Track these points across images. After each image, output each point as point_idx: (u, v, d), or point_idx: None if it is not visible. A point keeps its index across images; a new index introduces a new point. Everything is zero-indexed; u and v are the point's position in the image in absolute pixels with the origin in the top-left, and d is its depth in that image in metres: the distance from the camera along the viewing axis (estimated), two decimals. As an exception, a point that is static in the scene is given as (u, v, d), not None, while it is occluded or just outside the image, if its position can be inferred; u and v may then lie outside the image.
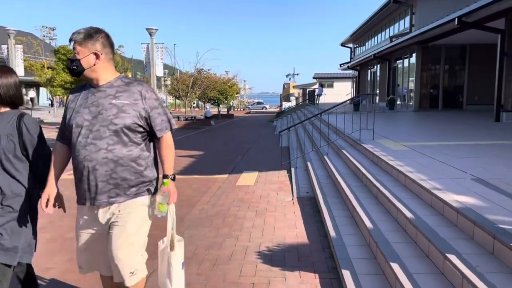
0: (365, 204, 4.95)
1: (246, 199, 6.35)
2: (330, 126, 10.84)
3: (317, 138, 10.42)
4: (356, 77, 34.81)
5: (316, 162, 8.86)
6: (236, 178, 8.20)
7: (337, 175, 6.70)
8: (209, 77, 31.68)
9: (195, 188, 7.27)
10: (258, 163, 10.16)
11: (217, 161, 10.75)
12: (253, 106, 68.48)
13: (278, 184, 7.52)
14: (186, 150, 12.96)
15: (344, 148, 8.36)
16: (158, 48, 19.35)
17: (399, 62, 21.76)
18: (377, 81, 26.69)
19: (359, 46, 34.83)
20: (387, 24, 24.83)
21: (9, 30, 19.12)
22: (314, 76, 48.60)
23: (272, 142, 15.50)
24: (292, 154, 10.84)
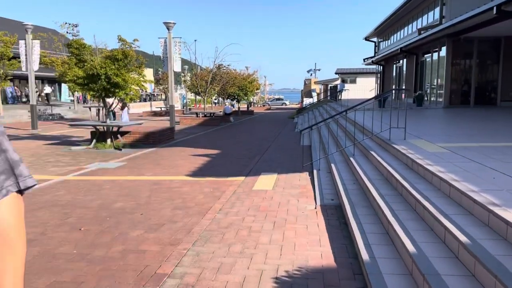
0: (402, 218, 4.20)
1: (263, 207, 5.68)
2: (355, 124, 10.04)
3: (341, 138, 9.64)
4: (380, 72, 33.62)
5: (341, 164, 8.11)
6: (253, 181, 7.53)
7: (365, 180, 5.95)
8: (228, 72, 31.06)
9: (207, 192, 6.64)
10: (278, 164, 9.47)
11: (234, 160, 10.11)
12: (273, 102, 67.67)
13: (299, 189, 6.81)
14: (202, 149, 12.37)
15: (372, 149, 7.58)
16: (176, 43, 18.81)
17: (427, 56, 20.65)
18: (403, 76, 25.55)
19: (384, 40, 33.61)
20: (415, 17, 23.66)
21: (27, 25, 18.93)
22: (337, 72, 47.43)
23: (292, 141, 14.77)
24: (314, 155, 10.10)
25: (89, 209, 5.64)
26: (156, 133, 13.81)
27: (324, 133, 13.56)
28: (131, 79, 11.84)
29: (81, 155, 10.98)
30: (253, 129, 20.27)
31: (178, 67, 19.08)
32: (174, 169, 8.85)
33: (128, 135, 13.69)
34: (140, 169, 8.93)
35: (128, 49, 12.07)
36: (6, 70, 24.24)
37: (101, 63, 11.72)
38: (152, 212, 5.50)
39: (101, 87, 11.83)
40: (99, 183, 7.37)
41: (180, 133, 17.49)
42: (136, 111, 38.55)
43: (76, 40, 11.92)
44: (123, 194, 6.50)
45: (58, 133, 16.68)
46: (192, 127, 21.38)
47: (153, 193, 6.56)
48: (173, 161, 9.97)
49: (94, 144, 12.41)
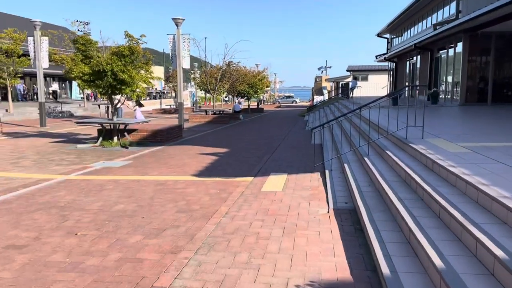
0: (425, 226, 3.82)
1: (272, 211, 5.32)
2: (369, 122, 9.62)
3: (354, 137, 9.23)
4: (393, 69, 32.98)
5: (354, 164, 7.70)
6: (262, 181, 7.18)
7: (382, 182, 5.56)
8: (238, 70, 30.72)
9: (213, 194, 6.30)
10: (288, 163, 9.10)
11: (242, 160, 9.76)
12: (283, 100, 67.19)
13: (310, 191, 6.44)
14: (210, 147, 12.04)
15: (388, 149, 7.17)
16: (185, 39, 18.51)
17: (442, 52, 20.05)
18: (416, 73, 24.95)
19: (397, 36, 32.96)
20: (429, 12, 23.04)
21: (35, 21, 18.80)
22: (348, 69, 46.79)
23: (303, 139, 14.38)
24: (326, 154, 9.70)
25: (88, 212, 5.34)
26: (164, 131, 13.53)
27: (336, 131, 13.15)
28: (137, 76, 11.55)
29: (86, 154, 10.73)
30: (262, 127, 19.92)
31: (187, 64, 18.78)
32: (180, 169, 8.54)
33: (135, 133, 13.44)
34: (145, 168, 8.63)
35: (135, 45, 11.78)
36: (16, 67, 24.23)
37: (107, 59, 11.46)
38: (154, 215, 5.18)
39: (107, 84, 11.56)
40: (102, 183, 7.08)
41: (188, 131, 17.20)
42: (146, 109, 38.40)
43: (83, 36, 11.67)
44: (125, 196, 6.20)
45: (65, 131, 16.51)
46: (201, 125, 21.09)
47: (157, 194, 6.25)
48: (179, 160, 9.67)
49: (100, 142, 12.17)
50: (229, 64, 29.43)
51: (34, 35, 18.91)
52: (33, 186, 6.81)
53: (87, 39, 11.62)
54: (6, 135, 14.82)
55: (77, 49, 11.78)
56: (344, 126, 10.73)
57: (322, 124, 8.00)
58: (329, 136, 13.11)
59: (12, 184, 6.99)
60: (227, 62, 29.11)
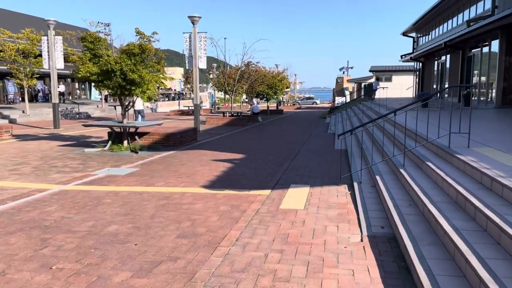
0: (500, 274, 2.83)
1: (292, 237, 4.39)
2: (405, 128, 8.57)
3: (385, 144, 8.19)
4: (419, 69, 31.57)
5: (387, 176, 6.69)
6: (280, 195, 6.25)
7: (426, 202, 4.56)
8: (257, 70, 29.84)
9: (224, 212, 5.40)
10: (310, 173, 8.14)
11: (259, 168, 8.85)
12: (303, 101, 66.10)
13: (337, 209, 5.48)
14: (224, 152, 11.17)
15: (428, 159, 6.15)
16: (201, 38, 17.73)
17: (475, 51, 18.71)
18: (446, 73, 23.58)
19: (423, 35, 31.53)
20: (460, 8, 21.67)
21: (48, 20, 18.35)
22: (371, 69, 45.38)
23: (325, 144, 13.37)
24: (352, 163, 8.68)
25: (74, 234, 4.51)
26: (177, 134, 12.74)
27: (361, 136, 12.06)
28: (148, 76, 10.77)
29: (93, 159, 10.01)
30: (282, 130, 18.96)
31: (204, 64, 17.99)
32: (189, 178, 7.68)
33: (147, 136, 12.69)
34: (152, 177, 7.81)
35: (146, 43, 11.02)
36: (32, 68, 23.96)
37: (116, 58, 10.73)
38: (151, 241, 4.31)
39: (116, 84, 10.83)
40: (100, 196, 6.28)
41: (204, 134, 16.40)
42: (164, 110, 38.00)
43: (91, 33, 10.98)
44: (123, 213, 5.36)
45: (78, 133, 15.94)
46: (218, 127, 20.29)
47: (158, 212, 5.39)
48: (190, 167, 8.82)
49: (109, 146, 11.45)
50: (248, 64, 28.59)
51: (48, 34, 18.45)
52: (22, 199, 6.06)
53: (95, 36, 10.92)
54: (16, 138, 14.31)
55: (85, 47, 11.10)
56: (372, 131, 9.69)
57: (350, 130, 7.01)
58: (355, 140, 12.06)
59: (1, 196, 6.26)
60: (246, 62, 28.28)
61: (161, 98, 46.10)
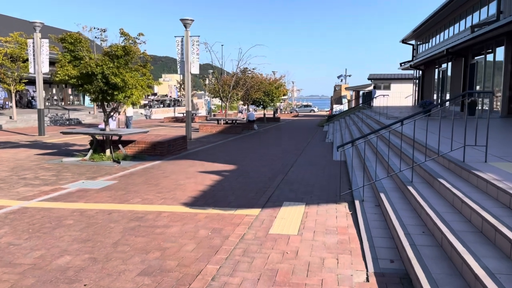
0: None
1: (282, 274, 3.56)
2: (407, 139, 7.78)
3: (388, 156, 7.39)
4: (419, 77, 30.94)
5: (393, 194, 5.88)
6: (271, 216, 5.43)
7: (446, 231, 3.75)
8: (254, 77, 29.13)
9: (202, 238, 4.56)
10: (306, 187, 7.32)
11: (250, 181, 8.03)
12: (301, 109, 65.42)
13: (337, 235, 4.66)
14: (214, 163, 10.35)
15: (440, 176, 5.34)
16: (194, 42, 16.98)
17: (478, 58, 18.04)
18: (447, 81, 22.90)
19: (423, 42, 30.94)
20: (463, 15, 21.05)
21: (35, 23, 17.55)
22: (369, 77, 44.78)
23: (323, 154, 12.56)
24: (353, 177, 7.86)
25: (14, 269, 3.68)
26: (164, 143, 11.91)
27: (361, 146, 11.27)
28: (132, 80, 9.96)
29: (69, 169, 9.17)
30: (278, 139, 18.15)
31: (196, 69, 17.21)
32: (171, 193, 6.85)
33: (133, 145, 11.86)
34: (128, 191, 6.98)
35: (131, 45, 10.23)
36: (20, 72, 23.14)
37: (97, 61, 9.93)
38: (105, 280, 3.48)
39: (98, 89, 10.03)
40: (63, 216, 5.44)
41: (195, 143, 15.58)
42: (158, 117, 37.20)
43: (71, 34, 10.18)
44: (82, 238, 4.52)
45: (61, 141, 15.09)
46: (211, 135, 19.48)
47: (125, 237, 4.56)
48: (174, 180, 7.99)
49: (90, 155, 10.62)
50: (244, 70, 27.88)
51: (34, 37, 17.66)
52: (-29, 219, 5.21)
53: (76, 37, 10.12)
54: (-6, 145, 13.45)
55: (65, 49, 10.31)
56: (376, 143, 8.89)
57: (351, 141, 6.22)
58: (355, 150, 11.26)
59: None
60: (242, 69, 27.57)
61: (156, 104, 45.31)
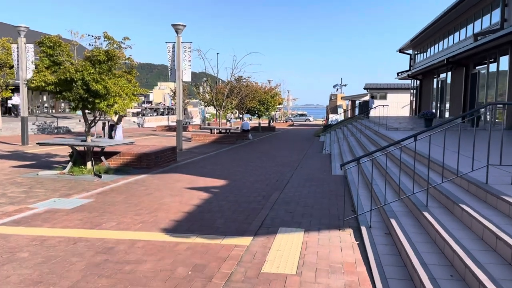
0: None
1: (278, 337, 2.76)
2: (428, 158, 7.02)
3: (396, 174, 6.63)
4: (417, 87, 30.42)
5: (405, 219, 5.10)
6: (265, 247, 4.63)
7: (484, 279, 2.97)
8: (248, 85, 28.45)
9: (179, 280, 3.74)
10: (304, 209, 6.54)
11: (242, 200, 7.23)
12: (296, 118, 64.79)
13: (344, 275, 3.86)
14: (204, 177, 9.54)
15: (462, 201, 4.59)
16: (186, 48, 16.26)
17: (480, 68, 17.45)
18: (446, 91, 22.33)
19: (420, 52, 30.48)
20: (463, 23, 20.53)
21: (19, 27, 16.75)
22: (365, 87, 44.30)
23: (321, 168, 11.80)
24: (356, 197, 7.07)
25: None
26: (151, 154, 11.09)
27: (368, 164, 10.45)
28: (115, 87, 9.17)
29: (43, 185, 8.32)
30: (273, 149, 17.37)
31: (188, 76, 16.47)
32: (151, 215, 6.04)
33: (117, 156, 11.04)
34: (103, 212, 6.15)
35: (115, 49, 9.47)
36: (6, 79, 22.29)
37: (77, 66, 9.15)
38: None
39: (77, 96, 9.23)
40: (19, 245, 4.61)
41: (186, 154, 14.77)
42: (151, 125, 36.36)
43: (50, 37, 9.41)
44: (32, 279, 3.69)
45: (44, 151, 14.21)
46: (204, 145, 18.68)
47: (86, 278, 3.74)
48: (157, 198, 7.18)
49: (69, 168, 9.78)
50: (239, 79, 27.19)
51: (19, 42, 16.87)
52: None
53: (55, 40, 9.34)
54: (-31, 156, 12.57)
55: (43, 53, 9.52)
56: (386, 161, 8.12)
57: (356, 159, 5.45)
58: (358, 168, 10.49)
59: None
60: (237, 77, 26.87)
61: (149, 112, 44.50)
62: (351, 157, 12.48)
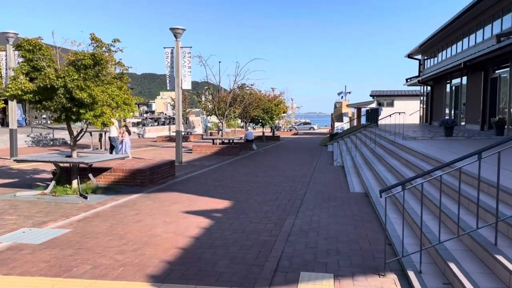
0: None
1: None
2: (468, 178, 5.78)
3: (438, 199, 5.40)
4: (427, 93, 29.23)
5: (469, 264, 3.85)
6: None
7: None
8: (252, 93, 27.33)
9: None
10: (328, 242, 5.31)
11: (250, 230, 6.01)
12: (300, 127, 63.62)
13: None
14: (204, 197, 8.33)
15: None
16: (185, 54, 15.17)
17: (501, 72, 16.26)
18: (461, 97, 21.11)
19: (430, 57, 29.32)
20: (479, 25, 19.37)
21: (8, 33, 15.72)
22: (372, 94, 43.15)
23: (335, 183, 10.56)
24: (389, 225, 5.81)
25: None
26: (146, 170, 9.90)
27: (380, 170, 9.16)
28: (102, 95, 8.01)
29: (17, 209, 7.13)
30: (280, 161, 16.13)
31: (188, 84, 15.33)
32: (137, 253, 4.82)
33: (108, 173, 9.86)
34: (80, 249, 4.94)
35: (102, 52, 8.32)
36: (-3, 88, 21.24)
37: (59, 72, 8.01)
38: None
39: (60, 106, 8.07)
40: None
41: (186, 167, 13.57)
42: (152, 136, 35.26)
43: (29, 40, 8.28)
44: None
45: (31, 166, 13.04)
46: (206, 157, 17.48)
47: None
48: (148, 227, 5.97)
49: (52, 188, 8.59)
50: (242, 86, 26.09)
51: (7, 49, 15.81)
52: None
53: (35, 43, 8.21)
54: None
55: (22, 58, 8.40)
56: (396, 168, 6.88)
57: (402, 183, 4.22)
58: (374, 179, 9.23)
59: None
60: (240, 85, 25.77)
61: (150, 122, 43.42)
62: (368, 171, 11.24)
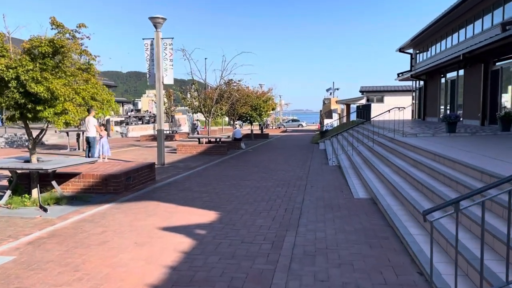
0: None
1: None
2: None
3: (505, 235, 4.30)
4: (419, 88, 28.42)
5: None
6: None
7: None
8: (240, 89, 26.10)
9: None
10: (341, 271, 4.18)
11: (240, 253, 4.86)
12: (288, 124, 62.63)
13: None
14: (186, 206, 7.13)
15: None
16: (166, 45, 13.92)
17: (502, 64, 15.37)
18: (457, 92, 20.24)
19: (423, 51, 28.49)
20: (478, 15, 18.46)
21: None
22: (361, 90, 42.30)
23: (335, 186, 9.45)
24: (414, 244, 4.70)
25: None
26: (120, 175, 8.65)
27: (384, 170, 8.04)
28: (63, 89, 6.75)
29: (-43, 228, 5.85)
30: (271, 161, 14.97)
31: (170, 78, 14.06)
32: (94, 295, 3.63)
33: (76, 179, 8.59)
34: (16, 290, 3.73)
35: (64, 39, 7.05)
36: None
37: (9, 62, 6.72)
38: None
39: (12, 102, 6.79)
40: None
41: (169, 169, 12.33)
42: (135, 135, 33.79)
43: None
44: None
45: (-6, 171, 11.65)
46: (191, 157, 16.24)
47: None
48: (114, 252, 4.76)
49: (7, 199, 7.31)
50: (229, 82, 24.83)
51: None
52: None
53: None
54: None
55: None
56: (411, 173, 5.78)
57: (452, 202, 3.13)
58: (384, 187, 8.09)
59: None
60: (227, 80, 24.50)
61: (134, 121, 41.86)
62: (369, 172, 10.14)
